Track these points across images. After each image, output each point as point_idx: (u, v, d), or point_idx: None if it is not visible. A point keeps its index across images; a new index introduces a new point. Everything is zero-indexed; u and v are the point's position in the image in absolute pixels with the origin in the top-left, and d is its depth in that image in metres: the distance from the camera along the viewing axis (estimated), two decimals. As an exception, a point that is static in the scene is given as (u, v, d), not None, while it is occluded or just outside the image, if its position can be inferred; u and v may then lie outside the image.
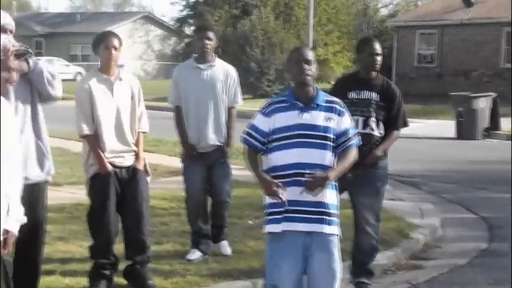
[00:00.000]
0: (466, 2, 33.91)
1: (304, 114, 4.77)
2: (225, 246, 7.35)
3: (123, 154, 6.11)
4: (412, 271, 7.47)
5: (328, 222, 4.75)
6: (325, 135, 4.76)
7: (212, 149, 7.15)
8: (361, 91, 6.36)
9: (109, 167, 6.00)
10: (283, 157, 4.76)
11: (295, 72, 4.82)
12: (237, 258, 7.14)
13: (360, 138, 4.98)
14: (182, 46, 58.90)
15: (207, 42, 7.08)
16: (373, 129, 6.34)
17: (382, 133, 6.41)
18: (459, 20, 33.40)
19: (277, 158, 4.78)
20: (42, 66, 5.26)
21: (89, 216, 6.19)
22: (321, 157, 4.74)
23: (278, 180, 4.73)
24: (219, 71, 7.17)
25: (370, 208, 6.49)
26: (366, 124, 6.31)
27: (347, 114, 4.89)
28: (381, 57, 6.42)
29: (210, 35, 7.13)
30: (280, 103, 4.84)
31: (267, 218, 4.85)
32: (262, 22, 35.40)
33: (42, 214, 5.48)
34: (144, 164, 6.24)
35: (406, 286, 6.96)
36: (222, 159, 7.23)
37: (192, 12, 54.14)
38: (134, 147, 6.17)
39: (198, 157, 7.10)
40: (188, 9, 55.10)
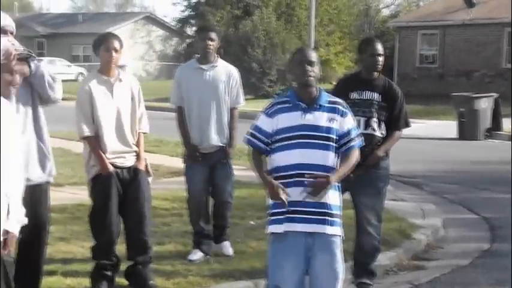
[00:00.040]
0: (468, 2, 33.90)
1: (307, 115, 4.77)
2: (226, 246, 7.35)
3: (124, 155, 6.11)
4: (414, 271, 7.46)
5: (330, 223, 4.75)
6: (328, 136, 4.76)
7: (214, 150, 7.14)
8: (363, 91, 6.36)
9: (110, 167, 6.00)
10: (286, 158, 4.76)
11: (297, 74, 4.82)
12: (238, 258, 7.13)
13: (363, 139, 4.98)
14: (184, 46, 58.92)
15: (209, 43, 7.08)
16: (374, 130, 6.34)
17: (384, 133, 6.41)
18: (461, 20, 33.39)
19: (280, 158, 4.78)
20: (44, 69, 5.26)
21: (90, 217, 6.19)
22: (323, 158, 4.74)
23: (280, 180, 4.74)
24: (222, 72, 7.16)
25: (372, 208, 6.49)
26: (368, 124, 6.31)
27: (350, 115, 4.89)
28: (383, 57, 6.41)
29: (212, 35, 7.12)
30: (283, 104, 4.84)
31: (269, 218, 4.86)
32: (264, 23, 35.40)
33: (45, 215, 5.48)
34: (146, 164, 6.24)
35: (408, 286, 6.95)
36: (224, 160, 7.23)
37: (193, 12, 54.16)
38: (135, 148, 6.17)
39: (200, 158, 7.10)
40: (190, 10, 55.12)
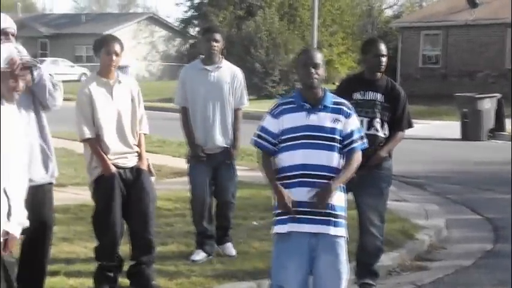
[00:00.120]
0: (471, 2, 33.87)
1: (312, 116, 4.78)
2: (229, 247, 7.35)
3: (126, 155, 6.11)
4: (416, 272, 7.46)
5: (334, 224, 4.76)
6: (332, 136, 4.77)
7: (218, 151, 7.15)
8: (366, 92, 6.36)
9: (113, 168, 5.99)
10: (290, 158, 4.78)
11: (302, 75, 4.84)
12: (241, 259, 7.14)
13: (367, 141, 4.97)
14: (187, 47, 58.95)
15: (214, 44, 7.08)
16: (377, 130, 6.34)
17: (387, 134, 6.41)
18: (464, 20, 33.36)
19: (285, 159, 4.80)
20: (46, 78, 5.28)
21: (94, 218, 6.18)
22: (328, 158, 4.75)
23: (285, 181, 4.77)
24: (226, 73, 7.17)
25: (375, 209, 6.49)
26: (371, 125, 6.31)
27: (354, 116, 4.89)
28: (386, 58, 6.41)
29: (217, 36, 7.12)
30: (288, 104, 4.86)
31: (275, 218, 4.87)
32: (267, 23, 35.40)
33: (49, 215, 5.49)
34: (148, 164, 6.25)
35: (411, 287, 6.95)
36: (228, 161, 7.23)
37: (196, 13, 54.19)
38: (136, 148, 6.18)
39: (204, 158, 7.10)
40: (193, 10, 55.16)
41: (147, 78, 56.12)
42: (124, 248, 6.31)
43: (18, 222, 4.01)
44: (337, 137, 4.79)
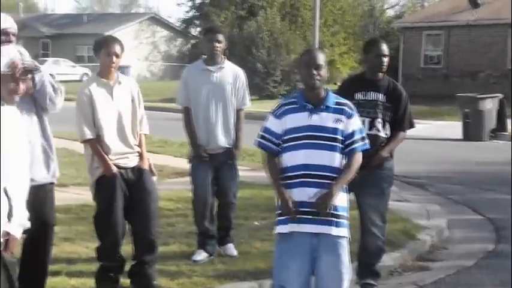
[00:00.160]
0: (473, 3, 33.87)
1: (314, 116, 4.79)
2: (231, 248, 7.34)
3: (127, 155, 6.10)
4: (418, 272, 7.46)
5: (336, 224, 4.76)
6: (334, 136, 4.77)
7: (221, 151, 7.15)
8: (368, 92, 6.36)
9: (114, 168, 5.99)
10: (292, 158, 4.79)
11: (304, 76, 4.86)
12: (243, 259, 7.14)
13: (368, 143, 4.96)
14: (188, 47, 58.99)
15: (216, 44, 7.09)
16: (379, 130, 6.34)
17: (388, 134, 6.40)
18: (466, 21, 33.36)
19: (287, 159, 4.82)
20: (48, 84, 5.30)
21: (95, 218, 6.17)
22: (330, 159, 4.76)
23: (287, 181, 4.78)
24: (228, 74, 7.18)
25: (376, 209, 6.49)
26: (372, 125, 6.31)
27: (356, 116, 4.90)
28: (388, 58, 6.41)
29: (220, 37, 7.12)
30: (290, 104, 4.88)
31: (277, 218, 4.88)
32: (268, 23, 35.41)
33: (50, 215, 5.49)
34: (149, 164, 6.25)
35: (412, 287, 6.94)
36: (230, 161, 7.24)
37: (198, 13, 54.22)
38: (137, 149, 6.18)
39: (207, 158, 7.10)
40: (194, 10, 55.19)
41: (149, 78, 56.15)
42: (125, 248, 6.31)
43: (19, 223, 4.01)
44: (339, 137, 4.79)
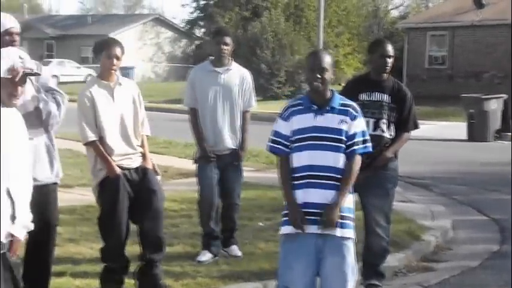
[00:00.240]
0: (477, 3, 33.81)
1: (319, 117, 4.80)
2: (235, 250, 7.35)
3: (130, 156, 6.11)
4: (423, 273, 7.45)
5: (341, 226, 4.76)
6: (339, 137, 4.78)
7: (227, 152, 7.16)
8: (372, 93, 6.35)
9: (118, 170, 5.99)
10: (297, 159, 4.81)
11: (308, 78, 4.88)
12: (247, 260, 7.14)
13: (370, 146, 4.95)
14: (192, 48, 59.03)
15: (224, 47, 7.10)
16: (383, 131, 6.34)
17: (393, 135, 6.40)
18: (470, 21, 33.30)
19: (293, 160, 4.84)
20: (51, 108, 5.32)
21: (99, 220, 6.17)
22: (335, 160, 4.76)
23: (293, 182, 4.79)
24: (235, 75, 7.19)
25: (381, 210, 6.48)
26: (377, 126, 6.30)
27: (360, 119, 4.89)
28: (393, 59, 6.40)
29: (227, 40, 7.14)
30: (296, 106, 4.90)
31: (282, 219, 4.88)
32: (273, 24, 35.41)
33: (53, 215, 5.50)
34: (153, 164, 6.25)
35: (417, 288, 6.95)
36: (236, 163, 7.24)
37: (202, 14, 54.25)
38: (140, 149, 6.19)
39: (214, 158, 7.10)
40: (198, 11, 55.20)
41: (153, 79, 56.18)
42: (129, 248, 6.31)
43: (22, 225, 4.02)
44: (344, 138, 4.80)
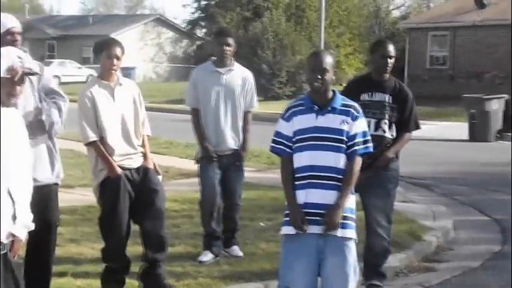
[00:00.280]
0: (479, 3, 33.80)
1: (320, 117, 4.80)
2: (236, 250, 7.34)
3: (131, 156, 6.11)
4: (424, 273, 7.45)
5: (342, 226, 4.76)
6: (340, 138, 4.78)
7: (229, 152, 7.17)
8: (374, 93, 6.35)
9: (119, 170, 5.99)
10: (298, 159, 4.81)
11: (309, 78, 4.88)
12: (248, 260, 7.13)
13: (371, 146, 4.94)
14: (194, 48, 59.04)
15: (226, 48, 7.11)
16: (385, 131, 6.34)
17: (394, 135, 6.40)
18: (471, 21, 33.28)
19: (295, 160, 4.84)
20: (54, 118, 5.33)
21: (100, 220, 6.17)
22: (335, 160, 4.76)
23: (295, 182, 4.79)
24: (238, 76, 7.20)
25: (382, 210, 6.48)
26: (378, 126, 6.31)
27: (361, 119, 4.88)
28: (394, 60, 6.40)
29: (230, 40, 7.15)
30: (297, 107, 4.90)
31: (283, 219, 4.88)
32: (274, 24, 35.40)
33: (54, 215, 5.50)
34: (154, 163, 6.25)
35: (418, 288, 6.95)
36: (237, 163, 7.25)
37: (203, 14, 54.27)
38: (141, 149, 6.19)
39: (216, 158, 7.10)
40: (200, 12, 55.24)
41: (154, 79, 56.19)
42: (131, 249, 6.31)
43: (23, 224, 4.02)
44: (345, 138, 4.79)
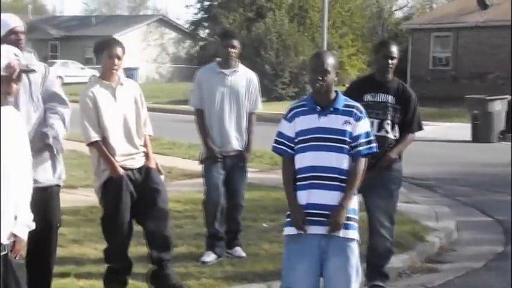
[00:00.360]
0: (482, 4, 33.78)
1: (322, 118, 4.81)
2: (239, 251, 7.34)
3: (133, 156, 6.11)
4: (427, 274, 7.44)
5: (345, 227, 4.76)
6: (342, 138, 4.78)
7: (233, 154, 7.18)
8: (377, 94, 6.35)
9: (121, 170, 5.99)
10: (300, 160, 4.81)
11: (311, 79, 4.89)
12: (251, 261, 7.13)
13: (375, 146, 4.94)
14: (196, 49, 59.05)
15: (231, 50, 7.12)
16: (387, 132, 6.34)
17: (397, 136, 6.40)
18: (474, 22, 33.26)
19: (297, 161, 4.84)
20: (60, 136, 5.39)
21: (102, 220, 6.18)
22: (338, 160, 4.76)
23: (297, 183, 4.80)
24: (242, 77, 7.22)
25: (385, 211, 6.48)
26: (381, 127, 6.31)
27: (364, 120, 4.88)
28: (396, 60, 6.39)
29: (235, 43, 7.16)
30: (300, 107, 4.90)
31: (286, 220, 4.89)
32: (277, 25, 35.39)
33: (56, 217, 5.50)
34: (156, 163, 6.25)
35: (421, 289, 6.94)
36: (241, 164, 7.25)
37: (206, 15, 54.28)
38: (143, 149, 6.19)
39: (221, 159, 7.11)
40: (203, 12, 55.24)
41: (157, 80, 56.21)
42: (133, 250, 6.31)
43: (24, 224, 4.03)
44: (347, 139, 4.79)
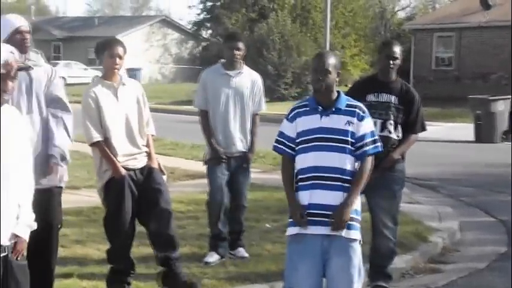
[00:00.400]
0: (484, 4, 33.75)
1: (324, 118, 4.80)
2: (241, 252, 7.34)
3: (135, 156, 6.11)
4: (430, 275, 7.44)
5: (347, 227, 4.75)
6: (345, 138, 4.77)
7: (238, 155, 7.19)
8: (380, 94, 6.35)
9: (123, 171, 5.99)
10: (302, 160, 4.81)
11: (312, 79, 4.89)
12: (254, 261, 7.13)
13: (380, 145, 4.94)
14: (199, 50, 59.07)
15: (236, 52, 7.13)
16: (390, 132, 6.33)
17: (400, 136, 6.39)
18: (477, 22, 33.23)
19: (299, 161, 4.83)
20: (67, 154, 5.44)
21: (105, 221, 6.18)
22: (340, 161, 4.75)
23: (299, 183, 4.79)
24: (247, 79, 7.23)
25: (388, 211, 6.47)
26: (384, 127, 6.30)
27: (368, 119, 4.88)
28: (399, 60, 6.39)
29: (240, 45, 7.16)
30: (301, 108, 4.90)
31: (288, 220, 4.89)
32: (279, 25, 35.40)
33: (57, 218, 5.50)
34: (158, 163, 6.25)
35: (424, 290, 6.93)
36: (245, 165, 7.26)
37: (209, 15, 54.31)
38: (145, 149, 6.19)
39: (225, 159, 7.11)
40: (205, 13, 55.26)
41: (160, 80, 56.24)
42: (136, 250, 6.31)
43: (26, 224, 4.03)
44: (350, 139, 4.78)
